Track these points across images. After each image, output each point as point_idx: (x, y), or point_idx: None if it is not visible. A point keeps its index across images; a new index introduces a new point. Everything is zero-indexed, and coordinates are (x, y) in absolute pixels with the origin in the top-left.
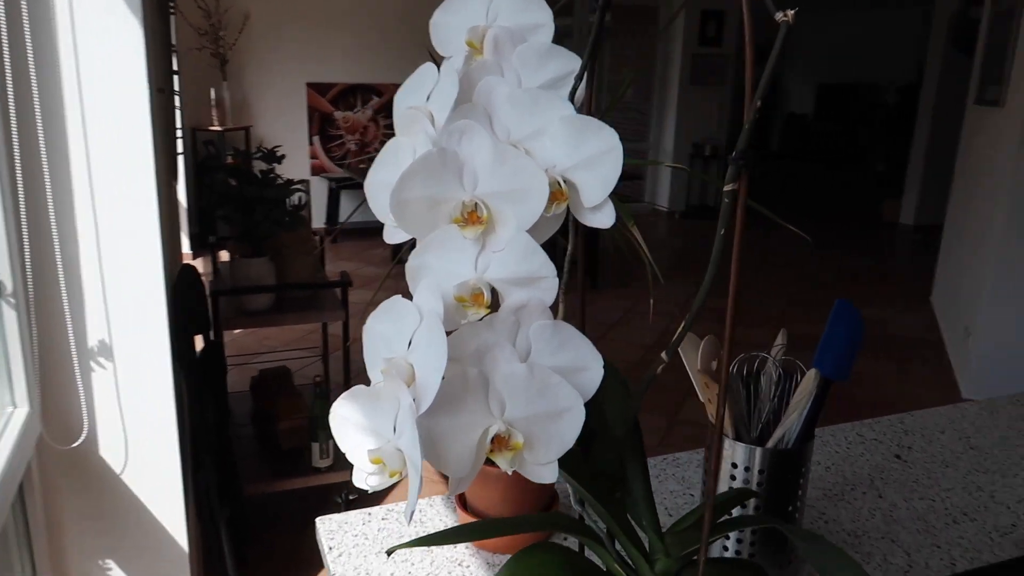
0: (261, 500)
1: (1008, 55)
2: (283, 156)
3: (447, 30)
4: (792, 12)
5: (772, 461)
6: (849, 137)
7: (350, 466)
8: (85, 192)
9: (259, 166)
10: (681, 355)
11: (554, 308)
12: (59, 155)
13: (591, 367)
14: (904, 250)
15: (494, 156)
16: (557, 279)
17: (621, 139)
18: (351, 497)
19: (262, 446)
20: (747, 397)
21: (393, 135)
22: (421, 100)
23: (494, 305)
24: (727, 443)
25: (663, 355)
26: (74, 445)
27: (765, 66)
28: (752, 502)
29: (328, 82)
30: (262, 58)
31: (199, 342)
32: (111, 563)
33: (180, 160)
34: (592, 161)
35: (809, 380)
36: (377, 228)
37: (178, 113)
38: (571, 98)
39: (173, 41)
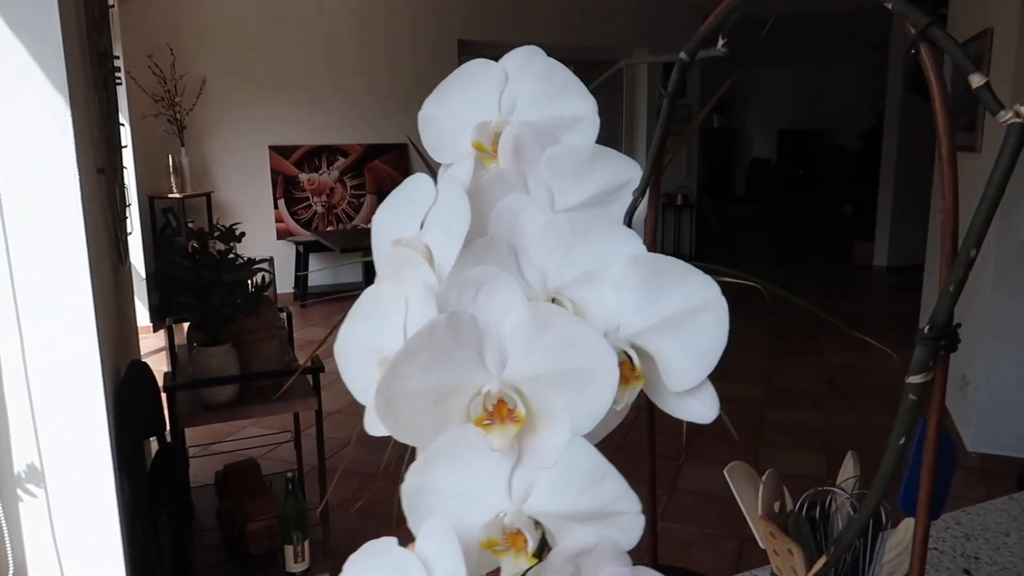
0: None
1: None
2: (243, 234)
3: (443, 126)
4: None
5: None
6: (813, 181)
7: (329, 569)
8: (5, 292)
9: (220, 243)
10: (736, 493)
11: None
12: None
13: None
14: (881, 292)
15: (530, 319)
16: (642, 514)
17: None
18: None
19: (229, 551)
20: (813, 535)
21: (363, 194)
22: (412, 228)
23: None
24: None
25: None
26: None
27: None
28: None
29: (291, 144)
30: (221, 122)
31: (153, 443)
32: None
33: (137, 230)
34: (679, 322)
35: (905, 532)
36: (347, 289)
37: (132, 183)
38: (628, 220)
39: (124, 111)
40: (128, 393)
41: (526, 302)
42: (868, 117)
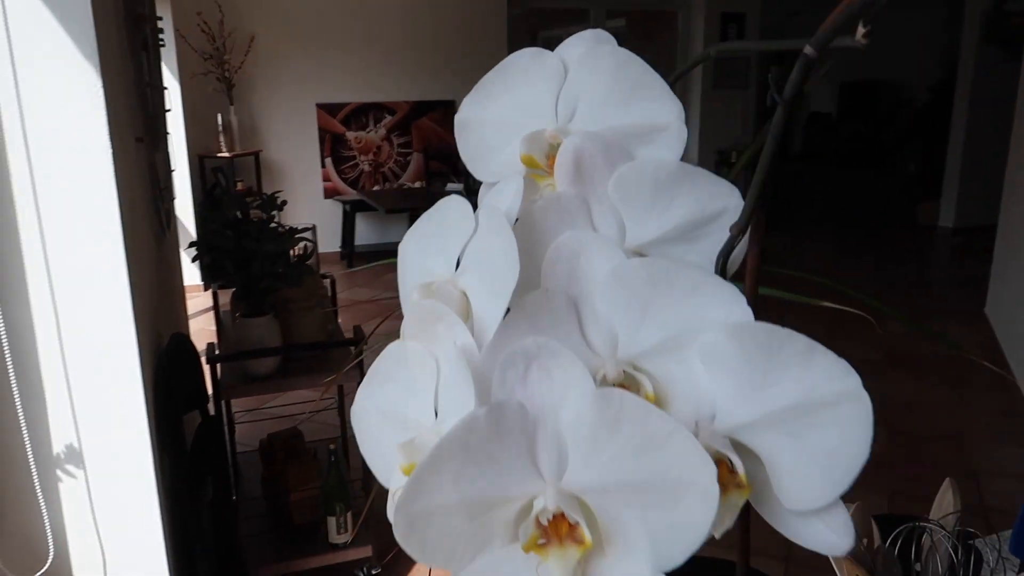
0: None
1: None
2: (284, 203)
3: (485, 135)
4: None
5: None
6: (875, 137)
7: (373, 541)
8: (39, 271)
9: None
10: None
11: None
12: (5, 228)
13: None
14: (946, 255)
15: (597, 410)
16: None
17: None
18: (374, 572)
19: (273, 520)
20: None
21: (409, 152)
22: (445, 266)
23: None
24: None
25: None
26: (39, 573)
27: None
28: None
29: (338, 102)
30: (269, 80)
31: (196, 416)
32: None
33: (187, 190)
34: (799, 417)
35: None
36: (395, 249)
37: (182, 143)
38: (722, 265)
39: (173, 72)
40: (169, 366)
41: (592, 386)
42: (937, 70)
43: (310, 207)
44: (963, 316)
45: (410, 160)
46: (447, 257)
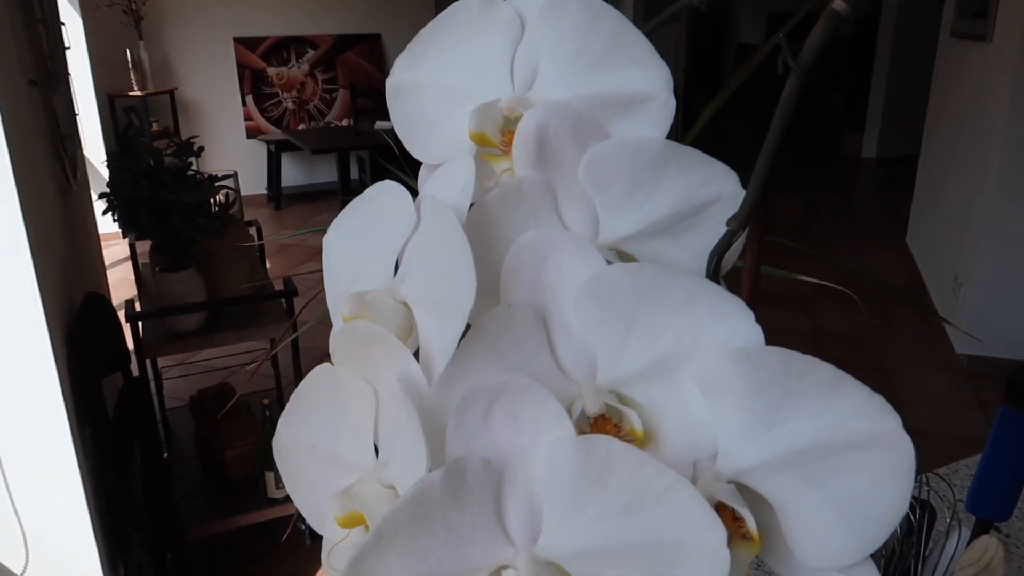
0: (212, 540)
1: None
2: (201, 148)
3: (424, 104)
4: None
5: None
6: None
7: None
8: None
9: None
10: None
11: None
12: None
13: None
14: (869, 186)
15: (579, 461)
16: None
17: None
18: None
19: (208, 478)
20: None
21: (335, 88)
22: (381, 269)
23: None
24: None
25: None
26: None
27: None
28: None
29: (257, 36)
30: (181, 12)
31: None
32: None
33: (97, 133)
34: (820, 461)
35: (983, 551)
36: (323, 189)
37: (88, 82)
38: (714, 267)
39: (72, 7)
40: (83, 328)
41: (570, 431)
42: (864, 3)
43: (232, 147)
44: (885, 245)
45: (336, 97)
46: (382, 259)
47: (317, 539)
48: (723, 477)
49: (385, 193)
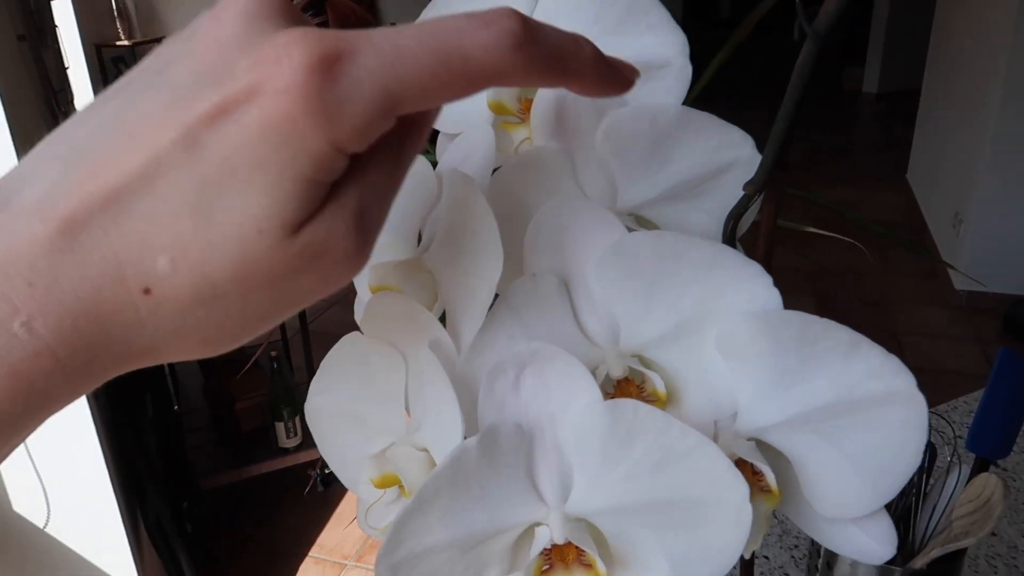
0: (226, 490)
1: None
2: None
3: None
4: None
5: None
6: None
7: None
8: None
9: None
10: None
11: None
12: None
13: None
14: (869, 121)
15: (607, 424)
16: None
17: None
18: (327, 471)
19: (219, 430)
20: None
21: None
22: (406, 239)
23: None
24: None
25: None
26: None
27: None
28: None
29: None
30: None
31: None
32: None
33: (88, 87)
34: (837, 417)
35: (983, 488)
36: None
37: (75, 35)
38: (730, 231)
39: None
40: None
41: (597, 395)
42: None
43: None
44: (885, 181)
45: None
46: (406, 229)
47: (328, 487)
48: (743, 435)
49: None
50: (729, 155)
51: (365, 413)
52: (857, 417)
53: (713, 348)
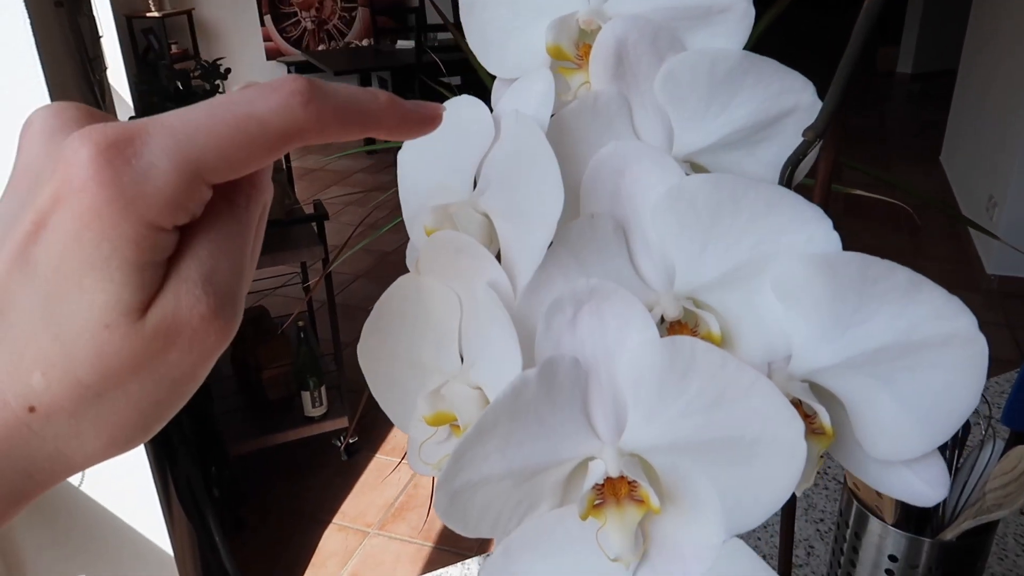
0: (252, 457)
1: None
2: (228, 70)
3: (498, 17)
4: None
5: (944, 556)
6: None
7: (348, 411)
8: None
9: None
10: None
11: None
12: None
13: None
14: (904, 102)
15: (663, 360)
16: None
17: None
18: (351, 440)
19: (246, 398)
20: None
21: (354, 7)
22: (461, 182)
23: None
24: (877, 527)
25: None
26: None
27: None
28: None
29: None
30: None
31: None
32: None
33: (119, 57)
34: (894, 359)
35: (1018, 459)
36: None
37: (106, 2)
38: (788, 175)
39: None
40: None
41: (655, 333)
42: None
43: (252, 71)
44: (919, 163)
45: (355, 16)
46: (461, 172)
47: (352, 456)
48: (797, 376)
49: (462, 107)
50: (790, 101)
51: (418, 352)
52: (916, 358)
53: (768, 291)
